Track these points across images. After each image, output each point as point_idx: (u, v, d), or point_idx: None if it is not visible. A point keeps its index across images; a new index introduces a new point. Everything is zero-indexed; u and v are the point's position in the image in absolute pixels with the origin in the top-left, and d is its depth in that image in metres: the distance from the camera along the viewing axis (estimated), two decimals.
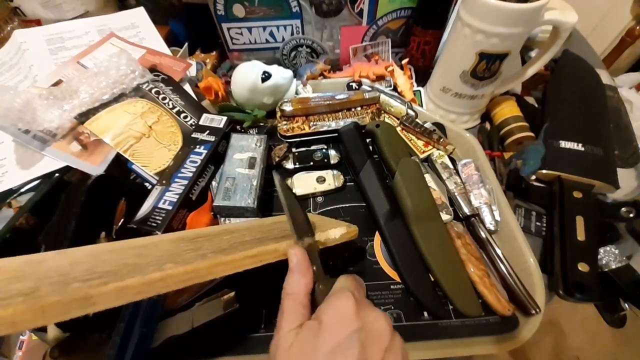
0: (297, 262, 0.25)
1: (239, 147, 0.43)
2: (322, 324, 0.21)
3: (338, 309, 0.21)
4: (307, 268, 0.25)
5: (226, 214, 0.39)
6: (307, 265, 0.25)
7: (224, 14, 0.49)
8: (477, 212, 0.39)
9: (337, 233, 0.30)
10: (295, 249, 0.26)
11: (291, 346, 0.21)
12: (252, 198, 0.38)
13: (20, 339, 0.81)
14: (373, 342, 0.20)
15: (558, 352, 0.96)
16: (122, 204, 0.38)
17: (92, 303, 0.18)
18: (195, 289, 0.34)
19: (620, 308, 0.36)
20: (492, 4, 0.37)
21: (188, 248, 0.27)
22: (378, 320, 0.21)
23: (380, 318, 0.22)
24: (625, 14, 1.02)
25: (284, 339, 0.21)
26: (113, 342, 0.28)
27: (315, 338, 0.20)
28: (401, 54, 0.57)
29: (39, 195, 0.39)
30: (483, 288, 0.34)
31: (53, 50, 0.50)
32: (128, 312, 0.30)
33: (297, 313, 0.23)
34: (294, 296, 0.23)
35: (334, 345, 0.20)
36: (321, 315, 0.21)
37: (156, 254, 0.25)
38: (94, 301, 0.18)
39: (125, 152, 0.41)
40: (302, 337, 0.21)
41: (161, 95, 0.46)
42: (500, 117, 0.49)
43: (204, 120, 0.44)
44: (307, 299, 0.24)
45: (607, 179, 0.40)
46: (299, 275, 0.24)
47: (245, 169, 0.40)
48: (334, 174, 0.43)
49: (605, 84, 0.51)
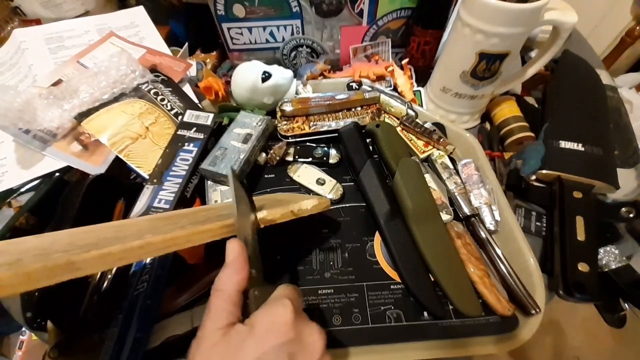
0: (234, 258, 0.23)
1: (241, 123, 0.44)
2: (254, 330, 0.20)
3: (274, 316, 0.20)
4: (243, 265, 0.23)
5: (211, 178, 0.41)
6: (242, 263, 0.23)
7: (224, 14, 0.49)
8: (477, 212, 0.39)
9: (309, 204, 0.31)
10: (233, 243, 0.24)
11: (214, 346, 0.19)
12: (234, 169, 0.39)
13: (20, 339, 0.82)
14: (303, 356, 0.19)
15: (558, 352, 0.96)
16: (120, 204, 0.38)
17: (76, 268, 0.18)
18: (196, 289, 0.34)
19: (620, 308, 0.36)
20: (492, 4, 0.37)
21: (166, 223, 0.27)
22: (312, 335, 0.21)
23: (315, 332, 0.21)
24: (625, 14, 1.02)
25: (208, 337, 0.20)
26: (107, 348, 0.28)
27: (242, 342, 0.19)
28: (401, 54, 0.57)
29: (39, 195, 0.39)
30: (483, 288, 0.34)
31: (53, 49, 0.50)
32: (122, 317, 0.30)
33: (225, 311, 0.21)
34: (223, 293, 0.22)
35: (260, 353, 0.19)
36: (254, 320, 0.20)
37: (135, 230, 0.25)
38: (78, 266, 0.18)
39: (121, 152, 0.41)
40: (228, 339, 0.20)
41: (160, 97, 0.46)
42: (500, 117, 0.49)
43: (189, 117, 0.44)
44: (237, 297, 0.22)
45: (607, 179, 0.40)
46: (232, 271, 0.23)
47: (239, 142, 0.42)
48: (335, 185, 0.42)
49: (605, 84, 0.51)
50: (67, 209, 0.35)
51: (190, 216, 0.30)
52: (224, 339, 0.20)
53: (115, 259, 0.20)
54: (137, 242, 0.21)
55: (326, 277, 0.36)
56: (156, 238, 0.22)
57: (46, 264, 0.17)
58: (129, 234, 0.24)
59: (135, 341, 0.29)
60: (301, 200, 0.31)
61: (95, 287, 0.33)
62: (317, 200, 0.31)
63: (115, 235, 0.24)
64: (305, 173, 0.43)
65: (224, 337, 0.20)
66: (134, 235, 0.22)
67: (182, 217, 0.30)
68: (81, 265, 0.19)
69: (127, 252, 0.20)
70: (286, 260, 0.37)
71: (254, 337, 0.19)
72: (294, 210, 0.30)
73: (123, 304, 0.31)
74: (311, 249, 0.38)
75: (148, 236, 0.22)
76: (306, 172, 0.44)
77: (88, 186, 0.36)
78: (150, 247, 0.21)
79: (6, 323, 0.76)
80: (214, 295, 0.22)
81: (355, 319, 0.34)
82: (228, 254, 0.24)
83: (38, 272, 0.17)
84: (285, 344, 0.19)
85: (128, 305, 0.31)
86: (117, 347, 0.28)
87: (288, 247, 0.38)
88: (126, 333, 0.29)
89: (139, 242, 0.21)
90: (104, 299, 0.32)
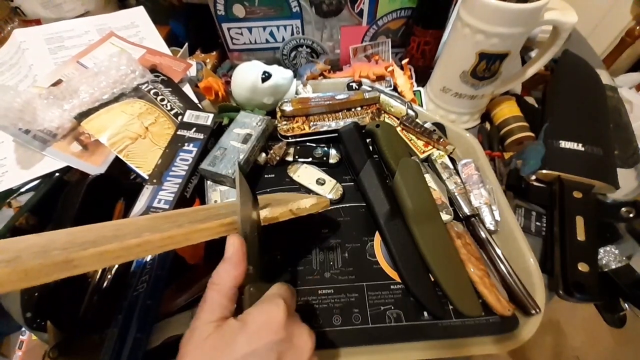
0: (232, 253, 0.23)
1: (241, 123, 0.44)
2: (246, 326, 0.20)
3: (267, 315, 0.21)
4: (241, 260, 0.23)
5: (210, 178, 0.41)
6: (241, 258, 0.23)
7: (224, 14, 0.49)
8: (477, 212, 0.39)
9: (307, 203, 0.31)
10: (233, 238, 0.24)
11: (206, 339, 0.20)
12: (233, 169, 0.39)
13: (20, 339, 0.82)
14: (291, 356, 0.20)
15: (558, 352, 0.96)
16: (120, 204, 0.38)
17: (74, 266, 0.18)
18: (196, 289, 0.34)
19: (620, 308, 0.36)
20: (492, 4, 0.37)
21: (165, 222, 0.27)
22: (302, 336, 0.21)
23: (305, 334, 0.21)
24: (625, 14, 1.02)
25: (200, 329, 0.20)
26: (107, 348, 0.28)
27: (234, 337, 0.20)
28: (401, 54, 0.57)
29: (39, 195, 0.39)
30: (483, 288, 0.34)
31: (52, 49, 0.50)
32: (122, 317, 0.30)
33: (220, 305, 0.21)
34: (219, 287, 0.22)
35: (250, 350, 0.19)
36: (247, 317, 0.21)
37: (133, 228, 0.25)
38: (76, 264, 0.19)
39: (121, 152, 0.41)
40: (220, 333, 0.20)
41: (160, 97, 0.46)
42: (500, 117, 0.49)
43: (189, 117, 0.44)
44: (233, 292, 0.22)
45: (607, 179, 0.40)
46: (230, 266, 0.23)
47: (238, 142, 0.42)
48: (335, 185, 0.42)
49: (605, 84, 0.51)
50: (67, 209, 0.35)
51: (189, 215, 0.30)
52: (216, 332, 0.20)
53: (113, 256, 0.20)
54: (135, 240, 0.21)
55: (326, 277, 0.36)
56: (154, 236, 0.22)
57: (44, 261, 0.18)
58: (127, 232, 0.24)
59: (135, 341, 0.29)
60: (300, 199, 0.31)
61: (95, 287, 0.33)
62: (316, 199, 0.31)
63: (114, 233, 0.24)
64: (305, 173, 0.43)
65: (217, 330, 0.20)
66: (133, 234, 0.22)
67: (181, 216, 0.30)
68: (79, 263, 0.19)
69: (125, 250, 0.20)
70: (286, 260, 0.37)
71: (245, 333, 0.20)
72: (292, 209, 0.30)
73: (123, 304, 0.31)
74: (311, 249, 0.38)
75: (146, 234, 0.22)
76: (306, 172, 0.43)
77: (88, 186, 0.36)
78: (148, 245, 0.21)
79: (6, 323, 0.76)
80: (210, 288, 0.22)
81: (355, 319, 0.34)
82: (227, 249, 0.24)
83: (36, 269, 0.17)
84: (275, 343, 0.20)
85: (128, 305, 0.31)
86: (117, 347, 0.28)
87: (288, 247, 0.38)
88: (126, 333, 0.29)
89: (137, 240, 0.21)
90: (104, 299, 0.32)
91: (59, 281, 0.18)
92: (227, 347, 0.19)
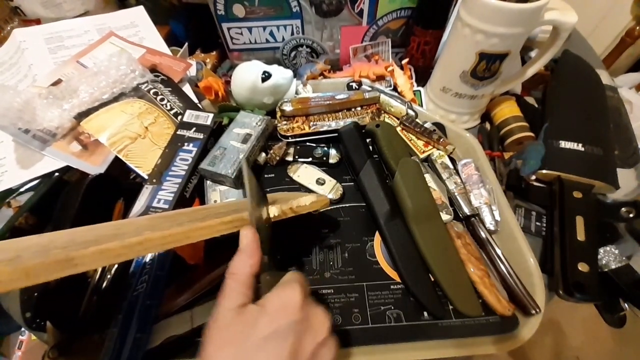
0: (247, 244, 0.25)
1: (241, 123, 0.44)
2: (265, 309, 0.21)
3: (284, 298, 0.22)
4: (255, 250, 0.25)
5: (210, 178, 0.41)
6: (255, 248, 0.25)
7: (224, 14, 0.49)
8: (477, 212, 0.39)
9: (307, 201, 0.31)
10: (247, 230, 0.25)
11: (229, 325, 0.21)
12: (233, 169, 0.39)
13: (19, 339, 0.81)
14: (310, 335, 0.21)
15: (558, 352, 0.96)
16: (120, 203, 0.38)
17: (75, 264, 0.19)
18: (195, 289, 0.34)
19: (620, 308, 0.36)
20: (492, 4, 0.37)
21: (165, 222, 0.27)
22: (318, 316, 0.22)
23: (321, 314, 0.22)
24: (625, 14, 1.02)
25: (223, 315, 0.21)
26: (107, 348, 0.28)
27: (255, 321, 0.21)
28: (401, 54, 0.57)
29: (39, 195, 0.39)
30: (483, 288, 0.34)
31: (52, 49, 0.50)
32: (122, 317, 0.30)
33: (239, 292, 0.22)
34: (237, 276, 0.23)
35: (271, 331, 0.20)
36: (266, 301, 0.22)
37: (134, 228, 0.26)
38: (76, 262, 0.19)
39: (120, 152, 0.41)
40: (241, 318, 0.21)
41: (159, 97, 0.46)
42: (500, 117, 0.49)
43: (189, 116, 0.44)
44: (250, 280, 0.23)
45: (607, 179, 0.40)
46: (245, 256, 0.24)
47: (238, 142, 0.42)
48: (335, 185, 0.42)
49: (605, 84, 0.51)
50: (67, 208, 0.35)
51: (189, 214, 0.30)
52: (238, 318, 0.21)
53: (114, 254, 0.20)
54: (136, 239, 0.21)
55: (326, 277, 0.36)
56: (155, 234, 0.22)
57: (45, 259, 0.18)
58: (128, 231, 0.24)
59: (135, 341, 0.29)
60: (300, 197, 0.31)
61: (95, 287, 0.33)
62: (316, 197, 0.32)
63: (115, 232, 0.24)
64: (305, 173, 0.43)
65: (238, 315, 0.21)
66: (133, 232, 0.22)
67: (181, 216, 0.30)
68: (80, 261, 0.19)
69: (126, 248, 0.21)
70: (286, 260, 0.37)
71: (265, 316, 0.21)
72: (292, 207, 0.30)
73: (123, 304, 0.31)
74: (311, 249, 0.38)
75: (147, 233, 0.22)
76: (306, 172, 0.43)
77: (87, 186, 0.36)
78: (148, 244, 0.22)
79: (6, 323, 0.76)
80: (229, 278, 0.23)
81: (355, 319, 0.33)
82: (242, 240, 0.25)
83: (37, 267, 0.17)
84: (294, 323, 0.20)
85: (128, 305, 0.31)
86: (117, 347, 0.28)
87: (288, 247, 0.38)
88: (126, 333, 0.29)
89: (137, 238, 0.21)
90: (104, 299, 0.32)
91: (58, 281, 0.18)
92: (249, 330, 0.20)
